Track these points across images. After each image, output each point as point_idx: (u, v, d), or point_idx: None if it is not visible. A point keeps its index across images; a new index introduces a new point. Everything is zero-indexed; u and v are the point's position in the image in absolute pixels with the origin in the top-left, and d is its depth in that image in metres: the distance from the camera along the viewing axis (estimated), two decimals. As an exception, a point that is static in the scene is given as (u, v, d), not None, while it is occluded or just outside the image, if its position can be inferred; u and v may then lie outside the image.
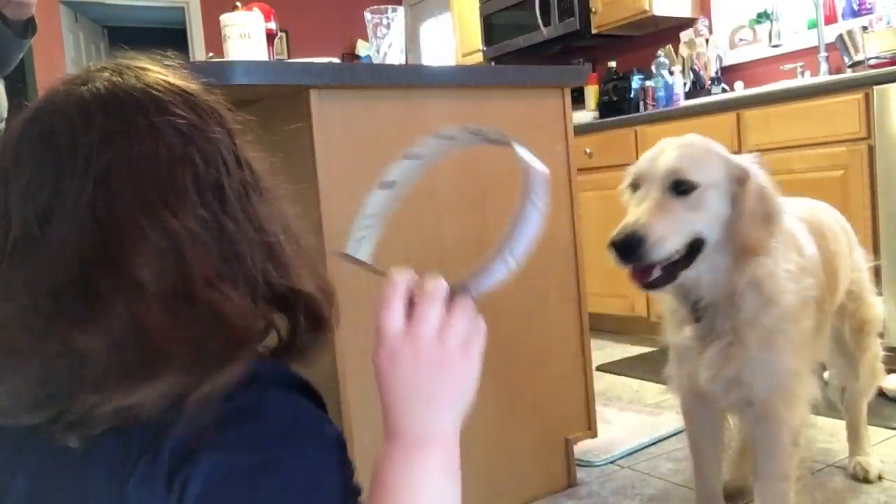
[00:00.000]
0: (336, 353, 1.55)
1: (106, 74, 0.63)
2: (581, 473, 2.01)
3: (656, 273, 1.24)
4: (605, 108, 4.19)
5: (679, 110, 3.47)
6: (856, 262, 1.69)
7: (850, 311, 1.68)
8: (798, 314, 1.32)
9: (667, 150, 1.28)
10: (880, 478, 1.86)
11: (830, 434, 2.18)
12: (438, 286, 0.65)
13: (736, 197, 1.25)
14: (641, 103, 4.00)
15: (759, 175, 1.29)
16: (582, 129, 3.69)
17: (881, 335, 1.83)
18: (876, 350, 1.82)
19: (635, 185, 1.31)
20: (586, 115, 4.25)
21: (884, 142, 2.63)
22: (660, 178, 1.24)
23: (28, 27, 2.00)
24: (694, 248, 1.26)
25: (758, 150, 2.97)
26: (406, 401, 0.63)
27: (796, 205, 1.59)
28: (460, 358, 0.64)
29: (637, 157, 3.97)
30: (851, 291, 1.66)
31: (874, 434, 2.15)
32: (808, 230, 1.47)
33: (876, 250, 2.67)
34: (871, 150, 2.67)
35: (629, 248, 1.19)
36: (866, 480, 1.84)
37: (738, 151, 3.07)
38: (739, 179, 1.26)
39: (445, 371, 0.63)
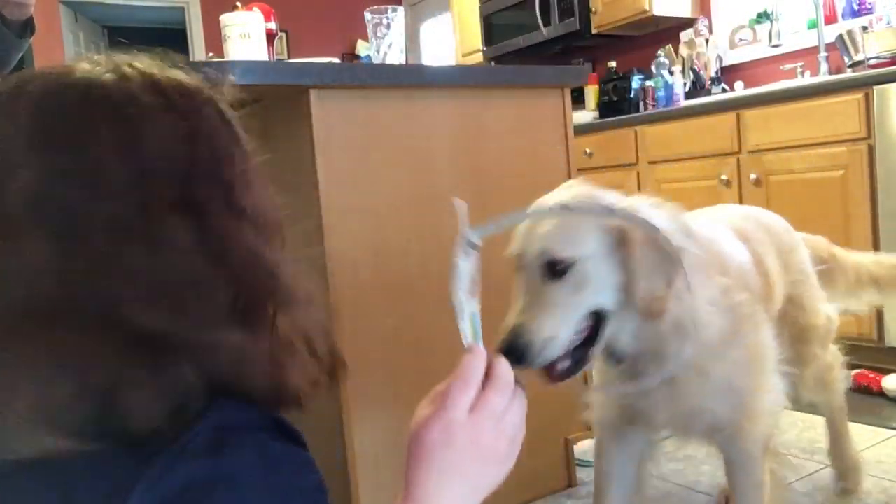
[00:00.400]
0: (336, 353, 1.55)
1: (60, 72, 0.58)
2: (581, 473, 2.01)
3: (562, 366, 1.11)
4: (605, 108, 4.19)
5: (679, 110, 3.48)
6: (796, 263, 1.57)
7: (790, 318, 1.55)
8: (730, 340, 1.23)
9: (539, 225, 1.13)
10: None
11: (830, 434, 2.18)
12: (509, 374, 0.67)
13: (623, 260, 1.10)
14: (641, 103, 4.00)
15: (645, 224, 1.11)
16: (582, 129, 3.69)
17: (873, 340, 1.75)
18: (827, 360, 1.68)
19: (519, 267, 1.15)
20: (586, 115, 4.25)
21: (884, 142, 2.63)
22: (533, 262, 1.10)
23: (27, 27, 2.01)
24: (597, 321, 1.13)
25: (758, 150, 2.99)
26: (445, 476, 0.63)
27: (715, 212, 1.53)
28: (509, 449, 0.67)
29: (637, 158, 3.96)
30: (791, 296, 1.54)
31: (874, 434, 2.15)
32: (736, 235, 1.40)
33: (876, 250, 2.67)
34: (871, 150, 2.67)
35: (518, 355, 1.05)
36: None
37: (739, 152, 3.08)
38: (620, 242, 1.10)
39: (494, 461, 0.65)
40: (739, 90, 3.69)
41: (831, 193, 2.78)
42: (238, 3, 1.90)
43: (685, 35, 4.09)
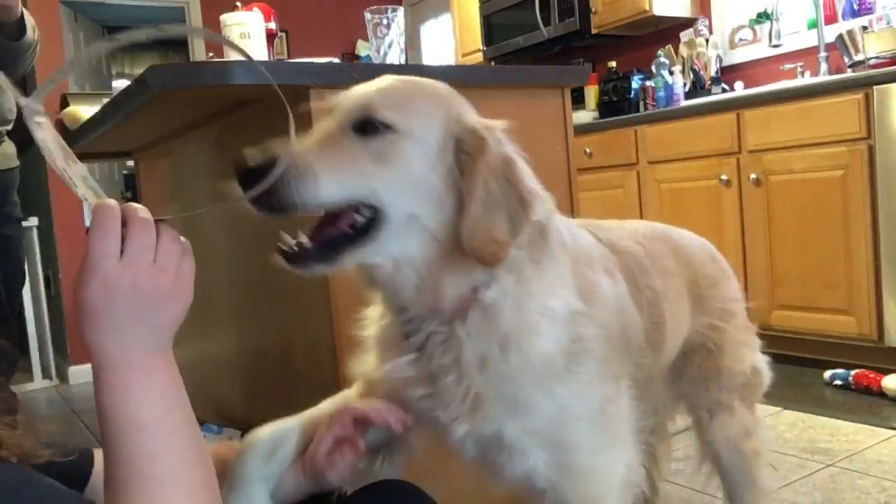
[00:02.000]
0: (337, 360, 1.55)
1: None
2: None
3: (304, 241, 0.85)
4: (605, 108, 4.19)
5: (679, 110, 3.48)
6: (716, 299, 1.27)
7: (697, 360, 1.26)
8: (558, 370, 0.89)
9: (376, 81, 0.91)
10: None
11: (831, 434, 2.18)
12: (142, 211, 0.65)
13: (465, 169, 0.85)
14: (641, 103, 4.00)
15: (504, 145, 0.90)
16: (582, 129, 3.69)
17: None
18: (745, 420, 1.28)
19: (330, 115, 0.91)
20: (586, 115, 4.25)
21: (884, 142, 2.64)
22: (346, 110, 0.87)
23: (20, 29, 2.01)
24: (372, 221, 0.84)
25: (758, 150, 3.00)
26: (121, 329, 0.63)
27: (617, 230, 1.17)
28: (177, 281, 0.65)
29: (637, 158, 3.96)
30: (706, 338, 1.26)
31: (874, 434, 2.15)
32: (619, 263, 1.07)
33: (876, 250, 2.68)
34: (871, 150, 2.67)
35: (259, 175, 0.76)
36: None
37: (739, 152, 3.08)
38: (471, 147, 0.85)
39: (164, 297, 0.64)
40: (739, 90, 3.69)
41: (831, 193, 2.78)
42: (238, 3, 1.90)
43: (685, 35, 4.09)
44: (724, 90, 3.85)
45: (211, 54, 2.73)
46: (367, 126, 0.84)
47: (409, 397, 0.93)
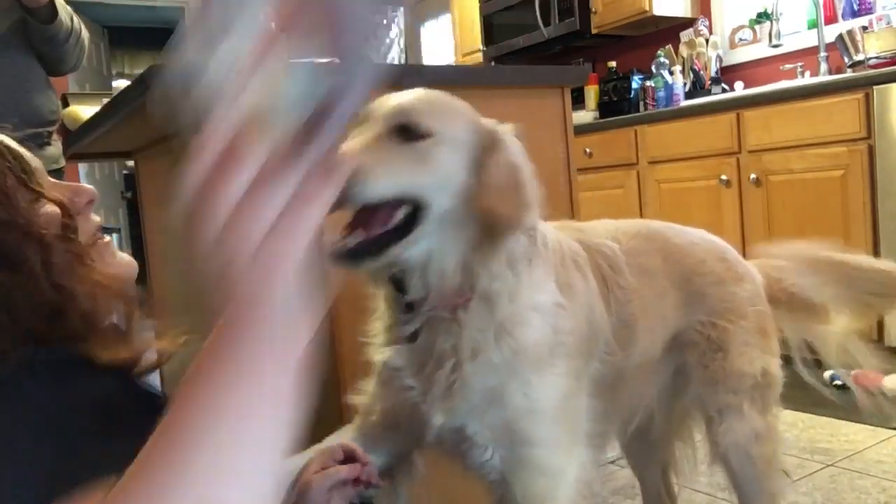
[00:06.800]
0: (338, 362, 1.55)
1: None
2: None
3: (358, 237, 0.89)
4: (605, 108, 4.19)
5: (679, 110, 3.48)
6: (719, 298, 1.24)
7: (700, 362, 1.24)
8: (542, 359, 0.98)
9: (406, 93, 0.98)
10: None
11: (830, 434, 2.18)
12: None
13: (481, 165, 0.95)
14: (641, 103, 4.00)
15: (513, 146, 1.00)
16: (582, 129, 3.69)
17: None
18: (757, 424, 1.25)
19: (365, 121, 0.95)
20: (586, 115, 4.25)
21: (884, 142, 2.64)
22: (385, 116, 0.92)
23: (52, 11, 2.07)
24: (412, 217, 0.92)
25: (758, 150, 3.00)
26: None
27: (594, 227, 1.22)
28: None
29: (637, 158, 3.96)
30: (704, 336, 1.23)
31: (874, 434, 2.15)
32: (590, 261, 1.12)
33: (876, 250, 2.68)
34: (871, 150, 2.67)
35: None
36: None
37: (739, 152, 3.08)
38: (487, 147, 0.96)
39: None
40: (739, 90, 3.70)
41: (831, 193, 2.78)
42: (238, 4, 1.90)
43: (685, 35, 4.09)
44: (724, 90, 3.85)
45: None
46: (407, 131, 0.92)
47: (400, 387, 1.01)
